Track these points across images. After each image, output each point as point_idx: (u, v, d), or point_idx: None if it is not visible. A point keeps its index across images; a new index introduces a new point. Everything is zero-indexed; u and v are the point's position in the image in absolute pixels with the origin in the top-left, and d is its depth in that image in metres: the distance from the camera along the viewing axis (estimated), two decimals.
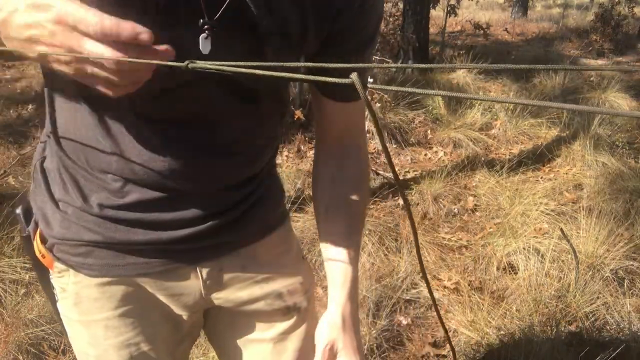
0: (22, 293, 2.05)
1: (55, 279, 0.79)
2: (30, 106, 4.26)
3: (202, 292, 0.81)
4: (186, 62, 0.44)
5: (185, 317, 0.84)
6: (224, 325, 0.89)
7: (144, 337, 0.80)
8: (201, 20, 0.59)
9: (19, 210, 0.80)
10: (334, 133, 0.82)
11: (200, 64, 0.44)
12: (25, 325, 1.89)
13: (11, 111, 4.17)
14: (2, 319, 1.92)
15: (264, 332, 0.87)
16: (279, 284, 0.85)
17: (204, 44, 0.60)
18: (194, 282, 0.80)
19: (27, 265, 2.16)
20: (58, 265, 0.77)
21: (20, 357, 1.79)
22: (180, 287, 0.79)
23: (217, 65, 0.43)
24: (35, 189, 0.79)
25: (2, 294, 2.02)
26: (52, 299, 0.82)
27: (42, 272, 0.80)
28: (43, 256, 0.77)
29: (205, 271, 0.79)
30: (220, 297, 0.83)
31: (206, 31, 0.60)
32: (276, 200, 0.88)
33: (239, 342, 0.89)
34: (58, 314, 0.83)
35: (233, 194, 0.78)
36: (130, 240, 0.73)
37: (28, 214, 0.79)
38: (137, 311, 0.79)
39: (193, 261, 0.78)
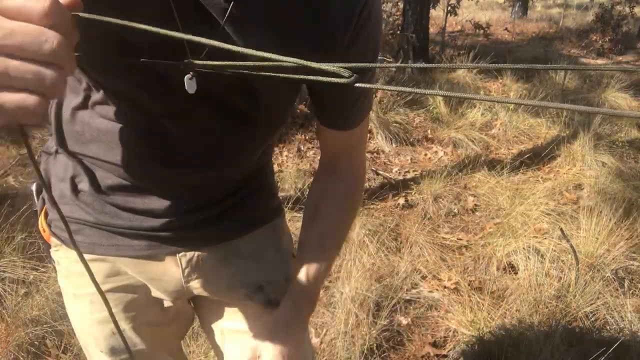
0: (22, 293, 2.05)
1: (53, 253, 0.85)
2: None
3: (182, 280, 0.83)
4: (184, 62, 0.44)
5: (168, 302, 0.87)
6: (210, 314, 0.92)
7: (126, 314, 0.84)
8: (184, 61, 0.56)
9: (33, 186, 0.87)
10: (330, 152, 0.84)
11: (198, 63, 0.44)
12: (25, 325, 1.89)
13: None
14: (3, 319, 1.92)
15: (247, 323, 0.88)
16: (260, 277, 0.86)
17: (190, 85, 0.60)
18: (174, 270, 0.82)
19: (28, 265, 2.16)
20: (54, 240, 0.83)
21: (21, 357, 1.79)
22: (160, 273, 0.82)
23: (216, 64, 0.43)
24: (46, 167, 0.83)
25: (2, 293, 2.02)
26: (55, 272, 0.89)
27: (47, 246, 0.87)
28: (44, 230, 0.84)
29: (184, 260, 0.81)
30: (200, 288, 0.85)
31: (190, 72, 0.59)
32: (265, 198, 0.89)
33: (225, 331, 0.91)
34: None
35: (217, 191, 0.80)
36: (116, 223, 0.77)
37: (39, 191, 0.86)
38: (120, 290, 0.83)
39: (174, 249, 0.81)
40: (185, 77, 0.59)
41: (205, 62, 0.44)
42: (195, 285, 0.84)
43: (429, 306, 2.20)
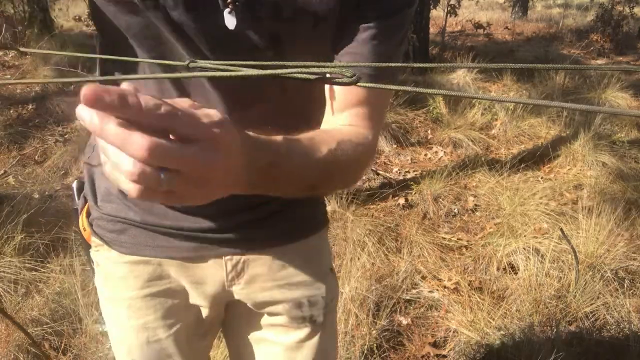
0: (22, 293, 2.05)
1: (92, 253, 0.83)
2: (30, 106, 4.26)
3: (225, 283, 0.81)
4: (187, 62, 0.44)
5: (206, 310, 0.84)
6: (241, 320, 0.90)
7: (163, 322, 0.81)
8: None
9: (74, 184, 0.87)
10: (341, 108, 0.71)
11: (201, 63, 0.44)
12: (25, 325, 1.89)
13: (11, 111, 4.17)
14: (3, 319, 1.92)
15: (278, 335, 0.86)
16: (301, 293, 0.84)
17: (229, 19, 0.60)
18: (218, 272, 0.80)
19: (28, 265, 2.16)
20: (95, 240, 0.82)
21: (21, 357, 1.79)
22: (204, 276, 0.80)
23: (217, 64, 0.43)
24: (90, 165, 0.82)
25: (2, 293, 2.02)
26: (92, 273, 0.87)
27: (86, 246, 0.85)
28: (84, 229, 0.83)
29: (230, 263, 0.80)
30: (241, 293, 0.83)
31: (229, 5, 0.59)
32: (313, 206, 0.86)
33: (253, 338, 0.89)
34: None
35: None
36: (163, 223, 0.76)
37: (81, 189, 0.85)
38: (160, 295, 0.81)
39: (219, 251, 0.79)
40: (225, 10, 0.59)
41: (207, 63, 0.44)
42: (237, 291, 0.82)
43: (429, 306, 2.20)
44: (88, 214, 0.82)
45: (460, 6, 8.00)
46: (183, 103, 0.41)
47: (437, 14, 8.89)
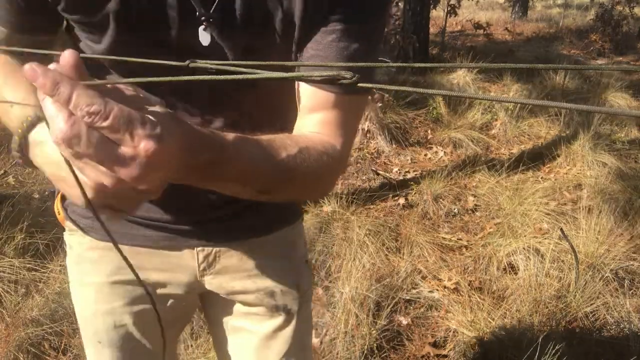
0: (22, 293, 2.05)
1: (66, 236, 0.85)
2: None
3: (197, 274, 0.83)
4: (187, 62, 0.44)
5: (177, 300, 0.86)
6: (218, 309, 0.92)
7: (130, 309, 0.83)
8: (197, 13, 0.60)
9: None
10: (307, 115, 0.68)
11: (201, 63, 0.44)
12: (25, 325, 1.89)
13: None
14: (2, 319, 1.92)
15: (254, 324, 0.88)
16: (273, 282, 0.85)
17: (203, 36, 0.62)
18: (190, 263, 0.82)
19: (27, 265, 2.16)
20: (69, 225, 0.83)
21: (21, 357, 1.79)
22: (176, 265, 0.82)
23: (217, 64, 0.43)
24: None
25: (2, 294, 2.02)
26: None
27: (61, 229, 0.87)
28: (59, 213, 0.84)
29: (202, 254, 0.82)
30: (213, 283, 0.85)
31: (204, 23, 0.61)
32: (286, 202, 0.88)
33: (232, 327, 0.91)
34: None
35: None
36: (135, 214, 0.77)
37: None
38: (128, 284, 0.82)
39: (191, 243, 0.81)
40: (200, 27, 0.61)
41: (208, 62, 0.44)
42: (209, 281, 0.84)
43: (429, 306, 2.20)
44: (63, 199, 0.84)
45: (460, 6, 8.00)
46: (127, 92, 0.42)
47: (437, 14, 8.89)
